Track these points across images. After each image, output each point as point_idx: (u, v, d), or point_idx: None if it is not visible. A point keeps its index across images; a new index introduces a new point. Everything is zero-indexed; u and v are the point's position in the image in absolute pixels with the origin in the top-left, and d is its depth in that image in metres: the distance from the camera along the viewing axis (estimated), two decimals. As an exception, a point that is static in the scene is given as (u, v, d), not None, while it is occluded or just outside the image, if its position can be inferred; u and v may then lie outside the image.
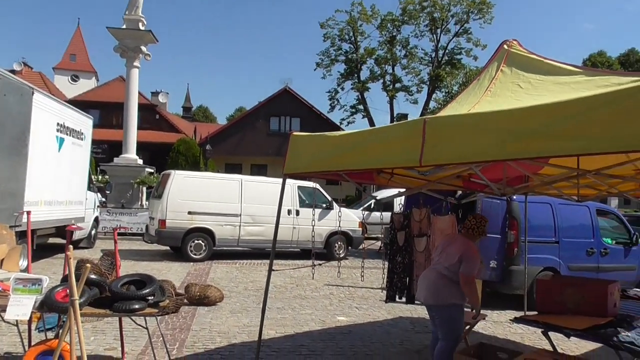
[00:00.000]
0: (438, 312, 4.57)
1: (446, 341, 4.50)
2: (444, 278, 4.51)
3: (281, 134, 31.71)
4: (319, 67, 35.98)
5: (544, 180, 5.65)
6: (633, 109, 2.77)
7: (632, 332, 4.24)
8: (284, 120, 33.65)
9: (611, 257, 8.95)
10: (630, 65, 48.63)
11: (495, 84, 4.25)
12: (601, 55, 49.35)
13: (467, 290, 4.44)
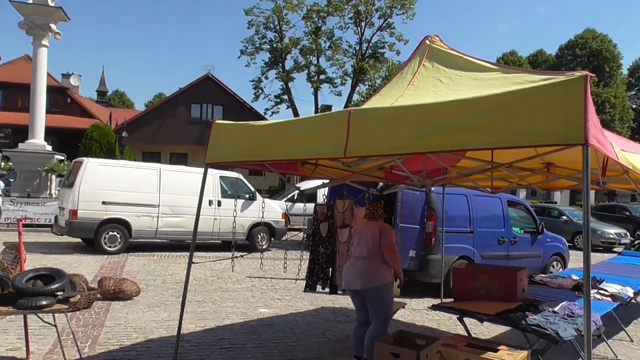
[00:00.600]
0: (372, 295, 4.77)
1: (380, 322, 4.77)
2: (371, 261, 4.75)
3: (203, 122, 30.89)
4: (243, 54, 35.36)
5: (461, 172, 5.88)
6: (542, 106, 2.93)
7: (538, 315, 4.52)
8: (206, 107, 32.79)
9: (520, 245, 9.53)
10: (539, 65, 51.79)
11: (417, 78, 4.34)
12: (513, 54, 52.11)
13: (392, 259, 4.81)
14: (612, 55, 48.57)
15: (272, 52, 35.20)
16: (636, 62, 55.61)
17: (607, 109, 45.48)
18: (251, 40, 34.96)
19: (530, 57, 53.82)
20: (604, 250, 17.84)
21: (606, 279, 6.72)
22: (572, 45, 50.27)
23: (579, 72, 2.97)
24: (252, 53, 35.06)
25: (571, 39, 50.84)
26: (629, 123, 49.06)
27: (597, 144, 3.04)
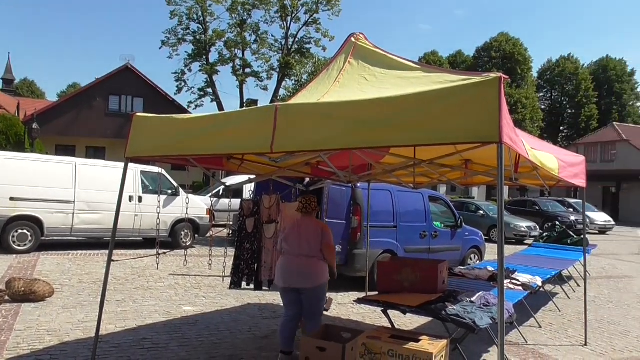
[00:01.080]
0: (312, 293, 4.88)
1: (316, 320, 4.98)
2: (313, 259, 4.86)
3: (122, 114, 29.58)
4: (164, 45, 34.16)
5: (386, 168, 6.03)
6: (460, 105, 3.05)
7: (457, 305, 4.72)
8: (125, 99, 31.39)
9: (440, 239, 9.93)
10: (458, 65, 54.03)
11: (343, 75, 4.39)
12: (434, 54, 54.02)
13: (332, 257, 5.02)
14: (523, 59, 51.55)
15: (195, 44, 34.29)
16: (544, 65, 59.38)
17: (520, 109, 48.26)
18: (174, 31, 33.86)
19: (450, 58, 56.03)
20: (517, 242, 18.92)
21: (518, 270, 7.15)
22: (488, 47, 52.85)
23: (494, 73, 3.12)
24: (174, 44, 33.97)
25: (487, 42, 53.44)
26: (538, 123, 52.33)
27: (510, 142, 3.21)
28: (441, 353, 4.01)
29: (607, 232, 26.88)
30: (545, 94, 59.21)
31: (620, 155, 38.95)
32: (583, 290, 7.26)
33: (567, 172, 5.64)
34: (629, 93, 57.29)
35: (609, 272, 13.38)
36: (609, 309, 8.82)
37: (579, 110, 55.43)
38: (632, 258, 16.92)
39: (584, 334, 6.66)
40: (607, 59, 57.78)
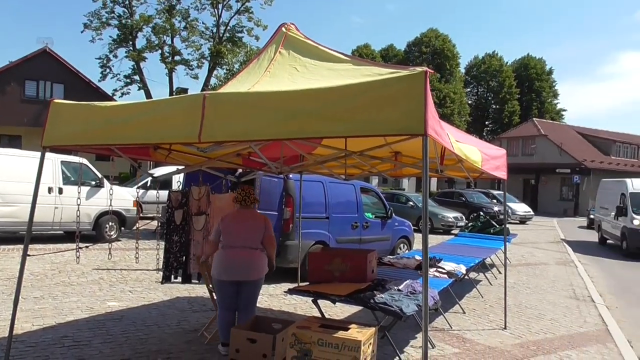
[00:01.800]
0: (253, 286, 4.99)
1: (252, 311, 5.08)
2: (256, 252, 4.93)
3: (40, 100, 27.83)
4: (87, 29, 32.32)
5: (317, 160, 6.06)
6: (388, 98, 3.11)
7: (385, 293, 4.83)
8: (44, 85, 29.53)
9: (371, 229, 10.11)
10: (390, 59, 55.12)
11: (274, 65, 4.36)
12: (367, 47, 54.82)
13: (272, 250, 5.13)
14: (452, 54, 53.36)
15: (121, 28, 32.75)
16: (471, 61, 61.78)
17: (448, 103, 49.95)
18: (97, 13, 32.11)
19: (382, 51, 57.08)
20: (444, 232, 19.61)
21: (444, 258, 7.40)
22: (418, 42, 54.28)
23: (420, 67, 3.20)
24: (98, 28, 32.22)
25: (417, 37, 54.88)
26: (465, 117, 54.43)
27: (435, 135, 3.30)
28: (369, 340, 4.10)
29: (527, 222, 28.41)
30: (472, 89, 61.65)
31: (539, 149, 41.27)
32: (504, 277, 7.65)
33: (489, 165, 5.88)
34: (548, 91, 60.71)
35: (527, 260, 14.14)
36: (526, 294, 9.33)
37: (502, 105, 58.17)
38: (548, 246, 17.98)
39: (504, 319, 7.00)
40: (528, 58, 60.90)
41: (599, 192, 21.57)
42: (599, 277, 12.13)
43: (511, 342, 6.23)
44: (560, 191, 40.06)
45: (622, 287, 11.19)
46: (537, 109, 58.27)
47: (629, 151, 43.39)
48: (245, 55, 34.35)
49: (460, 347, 5.90)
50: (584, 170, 37.33)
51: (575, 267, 13.19)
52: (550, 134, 41.28)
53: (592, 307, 8.57)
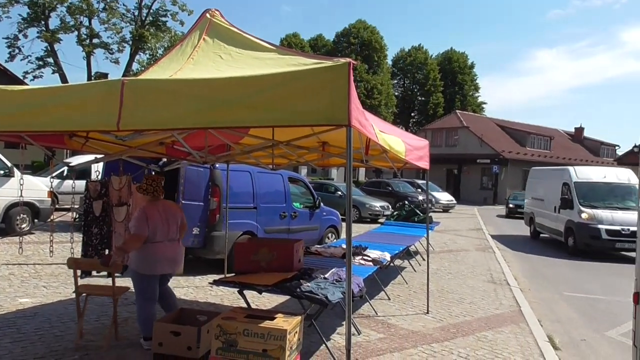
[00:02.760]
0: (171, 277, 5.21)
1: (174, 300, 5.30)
2: (179, 243, 5.07)
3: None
4: (-8, 4, 30.03)
5: (244, 149, 5.99)
6: (312, 88, 3.12)
7: (311, 282, 4.88)
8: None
9: (300, 219, 10.16)
10: (319, 49, 55.26)
11: (197, 52, 4.25)
12: (296, 36, 54.66)
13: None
14: (379, 46, 54.27)
15: (31, 6, 30.58)
16: (398, 54, 63.16)
17: (375, 95, 50.89)
18: (3, -12, 29.85)
19: (311, 41, 57.13)
20: (371, 221, 20.06)
21: (369, 246, 7.57)
22: (347, 33, 54.76)
23: (344, 59, 3.23)
24: (4, 5, 29.99)
25: (346, 28, 55.34)
26: (392, 108, 55.68)
27: (359, 126, 3.35)
28: (295, 329, 4.12)
29: (449, 210, 29.60)
30: (398, 81, 63.10)
31: (462, 140, 43.03)
32: (426, 263, 7.94)
33: (413, 155, 6.06)
34: (469, 84, 63.24)
35: (449, 246, 14.75)
36: (448, 279, 9.74)
37: (427, 97, 60.01)
38: (469, 233, 18.84)
39: (427, 304, 7.28)
40: (452, 52, 63.09)
41: (529, 181, 19.79)
42: (514, 262, 12.86)
43: (433, 326, 6.48)
44: (480, 180, 42.00)
45: (535, 270, 11.94)
46: (460, 102, 60.59)
47: (542, 142, 46.15)
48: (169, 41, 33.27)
49: (384, 332, 6.07)
50: (502, 161, 39.35)
51: (493, 253, 13.90)
52: (471, 126, 43.11)
53: (507, 290, 9.08)
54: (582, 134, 54.53)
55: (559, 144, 48.41)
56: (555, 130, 53.92)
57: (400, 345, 5.64)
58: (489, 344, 5.89)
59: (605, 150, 52.74)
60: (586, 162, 47.21)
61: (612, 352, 6.15)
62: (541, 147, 45.67)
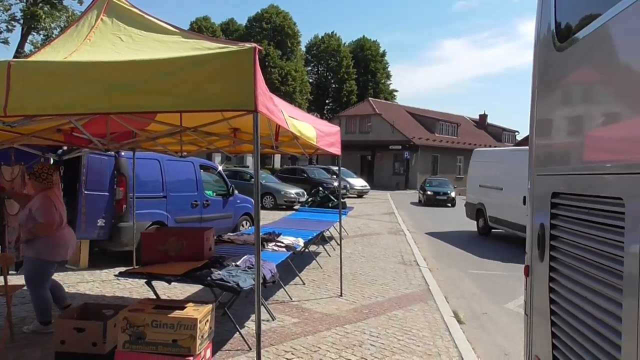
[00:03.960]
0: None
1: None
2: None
3: None
4: None
5: (150, 136, 5.77)
6: (217, 73, 3.08)
7: (222, 270, 4.83)
8: None
9: (212, 207, 9.99)
10: (231, 34, 54.16)
11: (95, 33, 4.02)
12: (206, 20, 53.30)
13: None
14: (293, 32, 54.18)
15: None
16: (311, 40, 63.40)
17: (290, 81, 50.83)
18: None
19: (223, 25, 55.96)
20: (287, 208, 20.12)
21: (283, 233, 7.61)
22: (259, 18, 54.13)
23: (249, 43, 3.20)
24: None
25: (258, 12, 54.67)
26: (307, 95, 55.92)
27: (266, 111, 3.34)
28: (206, 317, 4.08)
29: (363, 195, 30.32)
30: (312, 68, 63.37)
31: (375, 127, 44.14)
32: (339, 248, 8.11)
33: (324, 141, 6.14)
34: (382, 72, 64.82)
35: (363, 231, 15.15)
36: (361, 262, 10.02)
37: (341, 85, 60.80)
38: (382, 217, 19.44)
39: (340, 287, 7.44)
40: (364, 39, 64.24)
41: (473, 165, 16.59)
42: (423, 243, 13.45)
43: (346, 308, 6.65)
44: (393, 166, 43.39)
45: (442, 250, 12.57)
46: (372, 89, 61.98)
47: (450, 129, 48.40)
48: (67, 21, 31.02)
49: (299, 316, 6.15)
50: (413, 147, 40.87)
51: (404, 236, 14.45)
52: (384, 113, 44.32)
53: (417, 270, 9.49)
54: (486, 121, 57.70)
55: (465, 130, 50.96)
56: (462, 117, 56.67)
57: (314, 328, 5.74)
58: (399, 322, 6.14)
59: (507, 136, 56.23)
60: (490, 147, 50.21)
61: (510, 322, 6.62)
62: (449, 134, 47.85)
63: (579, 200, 2.33)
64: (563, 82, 2.74)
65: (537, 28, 3.07)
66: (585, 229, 2.22)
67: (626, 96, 1.96)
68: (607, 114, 2.18)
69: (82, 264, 7.76)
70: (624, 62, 1.98)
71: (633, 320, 1.71)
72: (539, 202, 2.93)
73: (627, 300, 1.77)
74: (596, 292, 2.06)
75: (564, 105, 2.75)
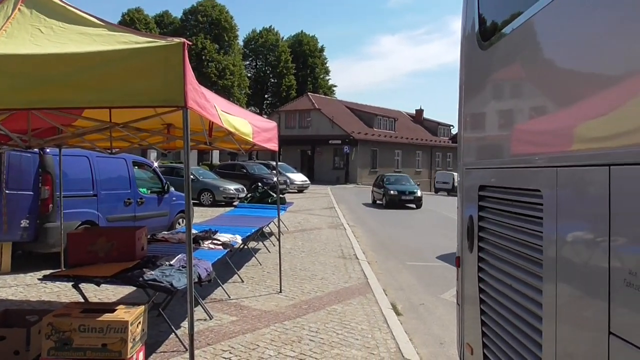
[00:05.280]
0: None
1: None
2: None
3: None
4: None
5: (77, 132, 5.52)
6: (144, 68, 3.00)
7: (155, 270, 4.69)
8: None
9: (146, 205, 9.68)
10: (165, 27, 52.87)
11: (11, 24, 3.77)
12: (139, 12, 51.65)
13: None
14: (230, 26, 53.48)
15: None
16: (249, 35, 62.83)
17: (227, 75, 50.18)
18: None
19: (157, 17, 54.48)
20: (226, 204, 19.84)
21: (220, 230, 7.49)
22: (195, 11, 53.06)
23: (178, 38, 3.11)
24: None
25: (194, 5, 53.59)
26: (245, 90, 55.40)
27: (197, 107, 3.27)
28: (139, 319, 3.95)
29: (304, 190, 30.42)
30: (250, 62, 62.86)
31: (314, 122, 44.32)
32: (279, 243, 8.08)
33: (260, 137, 6.08)
34: (320, 67, 65.21)
35: (303, 226, 15.19)
36: (301, 257, 10.03)
37: (280, 80, 60.70)
38: (322, 212, 19.57)
39: (279, 283, 7.42)
40: (302, 34, 64.39)
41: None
42: (363, 237, 13.65)
43: (285, 304, 6.64)
44: (333, 161, 43.75)
45: (380, 243, 12.80)
46: (311, 84, 62.23)
47: (388, 123, 49.32)
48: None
49: (237, 314, 6.08)
50: (352, 141, 41.35)
51: (344, 230, 14.59)
52: (323, 108, 44.57)
53: (356, 263, 9.61)
54: (422, 116, 59.22)
55: (403, 125, 52.09)
56: (399, 112, 57.88)
57: (253, 326, 5.69)
58: (338, 316, 6.19)
59: (442, 130, 57.96)
60: (426, 142, 51.61)
61: (446, 312, 6.82)
62: (387, 128, 48.75)
63: (503, 193, 2.42)
64: (487, 79, 2.84)
65: (462, 27, 3.16)
66: (509, 220, 2.31)
67: (544, 93, 2.05)
68: (526, 110, 2.28)
69: (3, 268, 7.32)
70: (544, 60, 2.07)
71: (552, 306, 1.80)
72: (468, 194, 3.03)
73: (546, 286, 1.85)
74: (520, 281, 2.15)
75: (489, 102, 2.85)
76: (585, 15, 1.70)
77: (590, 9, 1.67)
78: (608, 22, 1.55)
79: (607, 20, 1.56)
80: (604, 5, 1.59)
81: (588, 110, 1.64)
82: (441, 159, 54.75)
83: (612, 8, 1.55)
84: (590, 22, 1.66)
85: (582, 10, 1.72)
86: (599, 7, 1.61)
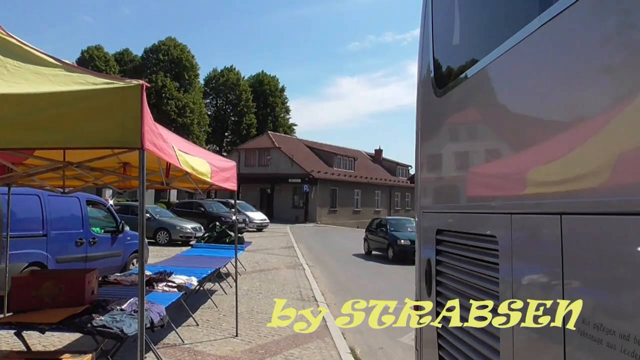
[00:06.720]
0: None
1: None
2: None
3: None
4: None
5: (29, 172, 5.34)
6: (101, 109, 2.97)
7: (105, 315, 4.51)
8: None
9: (100, 245, 9.38)
10: (125, 64, 52.55)
11: (-36, 62, 3.68)
12: (99, 49, 51.26)
13: None
14: (191, 65, 53.67)
15: None
16: (210, 73, 63.11)
17: (187, 113, 50.01)
18: None
19: (117, 55, 54.17)
20: (183, 244, 19.43)
21: (175, 271, 7.31)
22: (156, 49, 53.10)
23: (136, 80, 3.10)
24: None
25: (155, 44, 53.64)
26: (205, 127, 55.22)
27: (154, 148, 3.23)
28: (86, 369, 3.77)
29: (263, 229, 30.13)
30: (211, 100, 62.93)
31: (274, 160, 44.39)
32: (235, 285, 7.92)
33: (218, 177, 6.03)
34: (281, 106, 65.88)
35: (261, 266, 14.97)
36: (258, 299, 9.85)
37: (240, 118, 60.88)
38: (281, 251, 19.37)
39: (236, 326, 7.24)
40: (263, 74, 65.12)
41: None
42: (321, 277, 13.54)
43: (241, 349, 6.47)
44: (292, 199, 43.67)
45: (339, 285, 12.72)
46: (272, 123, 62.63)
47: (347, 163, 49.86)
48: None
49: (190, 360, 5.88)
50: (312, 180, 41.50)
51: (303, 270, 14.45)
52: (283, 147, 44.76)
53: (315, 306, 9.49)
54: (381, 155, 60.21)
55: (362, 164, 52.77)
56: (359, 151, 58.70)
57: (207, 372, 5.52)
58: (296, 361, 6.07)
59: (400, 170, 58.97)
60: (385, 181, 52.31)
61: (405, 356, 6.78)
62: (346, 167, 49.25)
63: (460, 237, 2.46)
64: (442, 124, 2.93)
65: (418, 72, 3.27)
66: (466, 265, 2.34)
67: (497, 140, 2.13)
68: (480, 156, 2.35)
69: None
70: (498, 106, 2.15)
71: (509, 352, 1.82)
72: (425, 237, 3.06)
73: (503, 333, 1.87)
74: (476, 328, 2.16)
75: (444, 147, 2.93)
76: (538, 66, 1.78)
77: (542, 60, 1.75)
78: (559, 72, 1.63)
79: (558, 70, 1.64)
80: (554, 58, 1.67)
81: (538, 156, 1.70)
82: (400, 198, 55.50)
83: (561, 60, 1.63)
84: (542, 72, 1.74)
85: (535, 60, 1.80)
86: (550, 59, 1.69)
